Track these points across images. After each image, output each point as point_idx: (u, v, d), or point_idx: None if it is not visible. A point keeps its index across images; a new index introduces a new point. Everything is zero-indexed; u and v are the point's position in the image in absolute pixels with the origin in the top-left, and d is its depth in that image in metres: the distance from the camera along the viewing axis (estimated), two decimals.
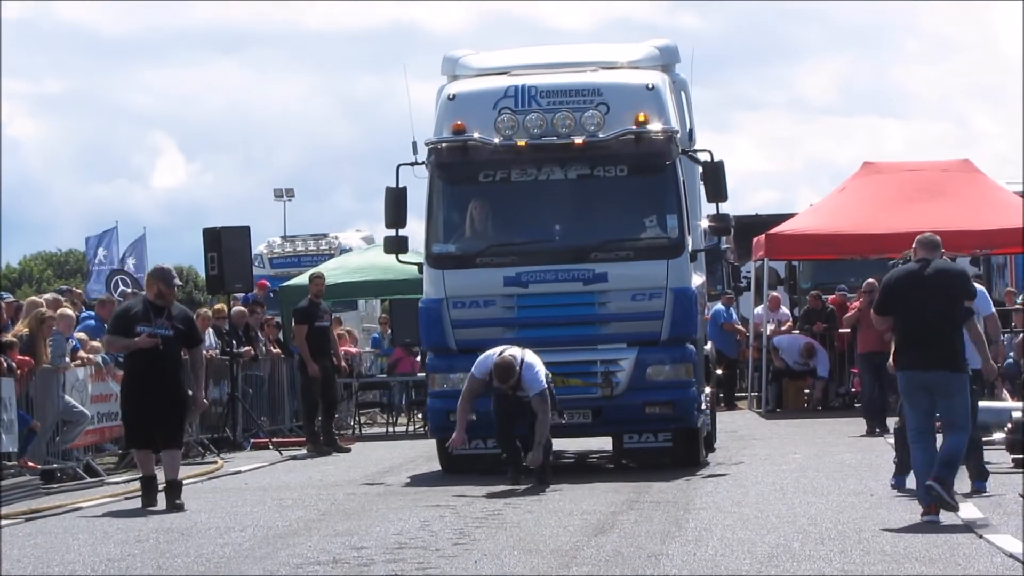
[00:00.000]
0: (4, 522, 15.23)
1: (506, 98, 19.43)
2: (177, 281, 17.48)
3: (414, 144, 19.69)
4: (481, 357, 18.02)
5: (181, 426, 17.34)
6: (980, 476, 15.68)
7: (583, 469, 20.77)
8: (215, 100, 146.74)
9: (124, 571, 12.22)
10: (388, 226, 19.92)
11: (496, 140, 19.26)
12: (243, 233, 25.88)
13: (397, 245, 19.86)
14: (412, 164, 19.67)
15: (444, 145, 19.46)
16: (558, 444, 20.50)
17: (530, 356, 17.91)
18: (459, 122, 19.37)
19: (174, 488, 16.58)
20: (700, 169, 19.84)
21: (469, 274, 19.34)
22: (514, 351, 17.89)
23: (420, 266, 19.85)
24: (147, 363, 16.75)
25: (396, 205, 19.68)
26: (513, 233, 19.77)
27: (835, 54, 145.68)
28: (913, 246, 14.50)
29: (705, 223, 20.22)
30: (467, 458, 19.14)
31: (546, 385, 17.76)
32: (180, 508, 16.33)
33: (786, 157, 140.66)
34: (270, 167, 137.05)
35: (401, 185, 19.64)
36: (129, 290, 29.16)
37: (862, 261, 30.76)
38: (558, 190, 19.62)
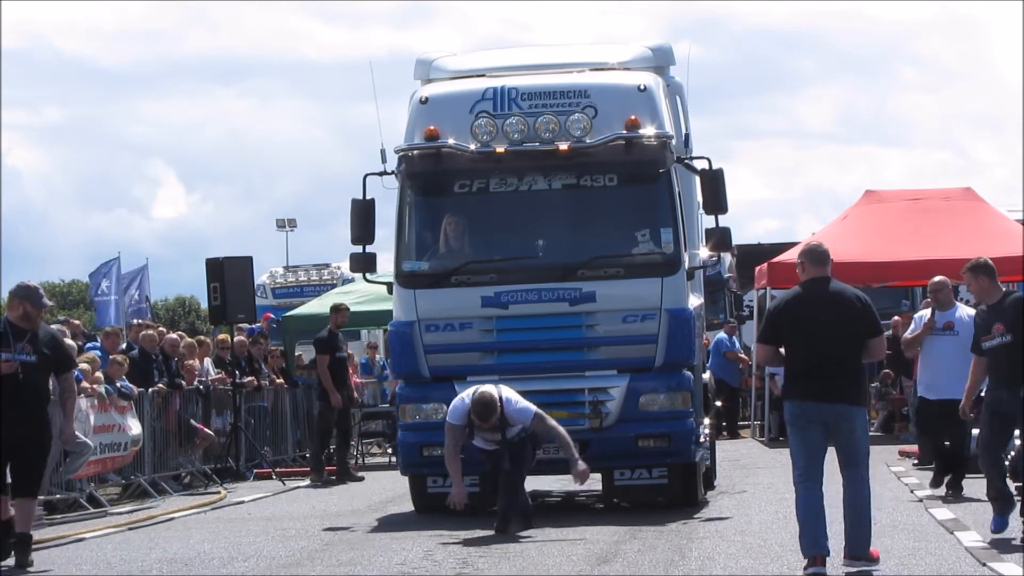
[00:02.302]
0: (32, 551, 14.94)
1: (484, 101, 17.29)
2: (46, 301, 15.07)
3: (383, 152, 17.53)
4: (453, 403, 15.89)
5: (40, 472, 14.97)
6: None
7: (570, 509, 18.77)
8: (215, 130, 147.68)
9: None
10: (354, 242, 17.60)
11: (473, 146, 17.09)
12: (246, 263, 25.77)
13: (364, 263, 17.66)
14: (381, 174, 17.55)
15: (415, 152, 17.28)
16: (541, 482, 19.03)
17: (506, 390, 15.87)
18: (432, 127, 17.17)
19: (23, 544, 14.24)
20: (697, 179, 17.71)
21: (443, 294, 17.16)
22: (487, 387, 15.86)
23: (390, 286, 17.64)
24: (6, 394, 14.26)
25: (363, 219, 17.53)
26: (492, 249, 17.63)
27: (834, 83, 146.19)
28: (799, 260, 12.68)
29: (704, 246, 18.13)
30: (444, 496, 16.73)
31: (535, 408, 15.86)
32: (28, 565, 14.11)
33: (787, 186, 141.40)
34: (271, 197, 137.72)
35: (369, 197, 17.54)
36: (135, 321, 29.17)
37: (865, 289, 30.69)
38: (541, 201, 17.48)
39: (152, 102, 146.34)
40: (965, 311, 18.21)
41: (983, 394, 14.53)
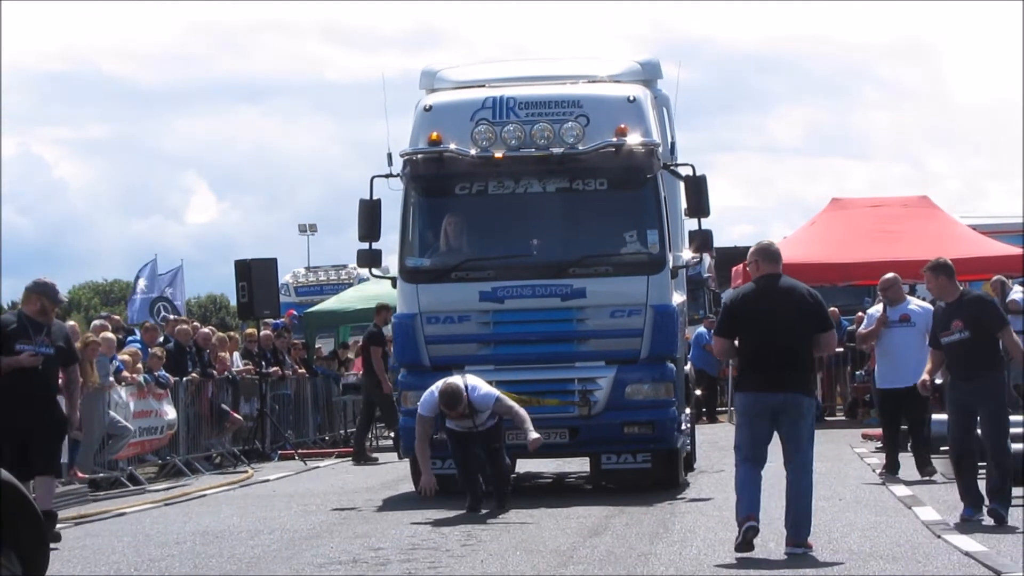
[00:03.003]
0: (56, 526, 15.13)
1: (484, 109, 17.13)
2: (62, 297, 14.84)
3: (389, 156, 17.40)
4: (424, 395, 15.65)
5: (58, 452, 14.87)
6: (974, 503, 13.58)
7: (561, 490, 18.51)
8: (242, 144, 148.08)
9: (164, 571, 12.16)
10: (361, 239, 17.44)
11: (473, 151, 16.92)
12: (271, 264, 25.91)
13: (370, 259, 17.51)
14: (387, 176, 17.36)
15: (419, 156, 17.09)
16: (535, 464, 19.01)
17: (471, 379, 15.65)
18: (435, 133, 17.01)
19: (48, 519, 13.53)
20: (682, 184, 17.61)
21: (444, 289, 16.97)
22: (454, 378, 15.60)
23: (394, 280, 17.59)
24: (24, 383, 14.09)
25: (370, 218, 17.32)
26: (489, 247, 17.32)
27: (803, 102, 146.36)
28: (752, 258, 12.28)
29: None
30: (443, 478, 16.39)
31: (496, 392, 15.59)
32: (55, 540, 13.62)
33: (760, 195, 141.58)
34: (293, 205, 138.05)
35: (375, 198, 17.34)
36: (171, 316, 29.20)
37: (831, 288, 30.79)
38: (536, 203, 17.28)
39: (186, 119, 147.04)
40: (917, 303, 18.21)
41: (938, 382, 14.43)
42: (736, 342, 12.11)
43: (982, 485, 13.48)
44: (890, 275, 18.58)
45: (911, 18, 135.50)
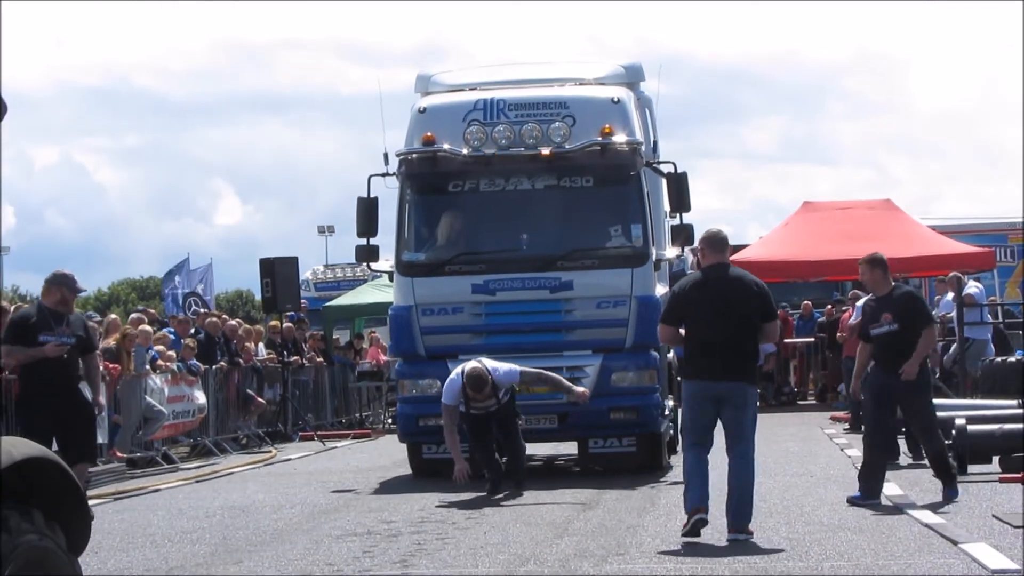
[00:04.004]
0: (96, 501, 15.18)
1: (475, 111, 16.70)
2: (80, 286, 14.25)
3: (385, 155, 16.94)
4: (446, 384, 15.03)
5: (92, 438, 14.42)
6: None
7: (552, 472, 18.07)
8: (265, 152, 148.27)
9: (195, 541, 12.23)
10: (360, 235, 16.97)
11: (465, 151, 16.51)
12: (292, 262, 26.00)
13: (368, 254, 16.99)
14: (383, 175, 16.89)
15: (414, 156, 16.69)
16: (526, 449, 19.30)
17: (487, 361, 15.06)
18: (429, 133, 16.60)
19: None
20: (664, 182, 17.10)
21: (438, 282, 16.53)
22: (472, 363, 14.99)
23: (391, 274, 17.13)
24: (51, 373, 13.59)
25: (367, 215, 16.87)
26: (481, 242, 16.93)
27: (776, 113, 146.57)
28: (699, 246, 11.71)
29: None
30: (437, 461, 16.31)
31: (518, 367, 15.04)
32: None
33: (737, 198, 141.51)
34: (313, 207, 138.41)
35: (373, 195, 16.87)
36: (202, 310, 29.18)
37: (803, 283, 30.94)
38: (525, 200, 16.82)
39: (213, 129, 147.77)
40: None
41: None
42: (682, 330, 11.46)
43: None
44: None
45: (873, 36, 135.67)
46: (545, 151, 16.48)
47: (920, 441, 13.20)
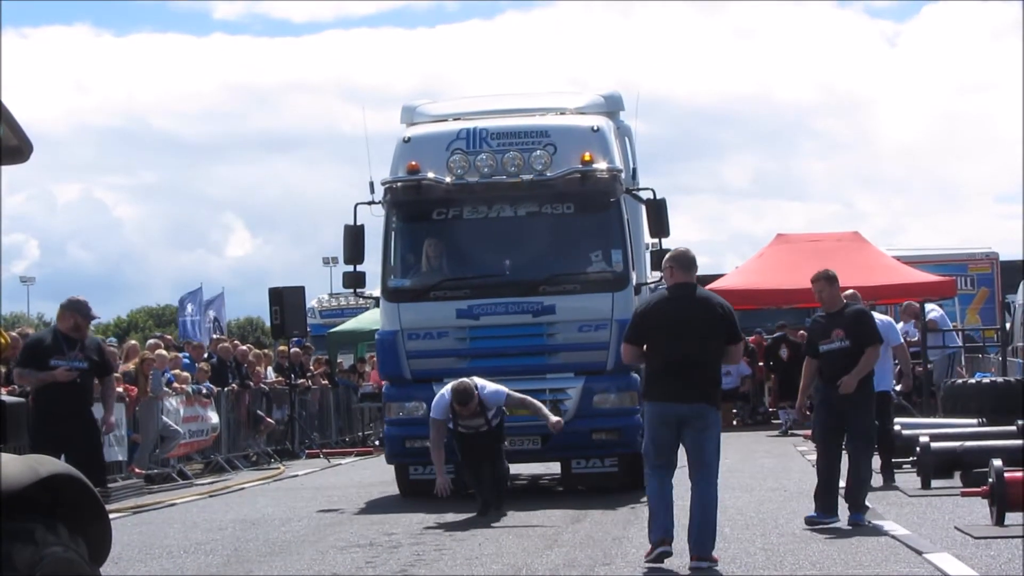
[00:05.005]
0: (115, 515, 15.15)
1: (458, 140, 16.22)
2: (94, 313, 14.04)
3: (371, 184, 16.52)
4: (435, 399, 14.62)
5: (103, 465, 14.12)
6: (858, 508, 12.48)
7: (537, 491, 17.48)
8: (273, 188, 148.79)
9: (209, 552, 12.25)
10: (347, 262, 16.61)
11: (449, 179, 16.07)
12: (299, 291, 26.04)
13: (355, 280, 16.60)
14: (369, 203, 16.46)
15: (399, 184, 16.21)
16: (511, 468, 17.71)
17: (477, 379, 14.63)
18: (414, 162, 16.13)
19: None
20: (644, 208, 16.63)
21: (423, 307, 16.05)
22: (463, 380, 14.55)
23: (377, 300, 16.72)
24: (62, 397, 13.33)
25: (354, 242, 16.47)
26: (465, 268, 16.42)
27: (750, 151, 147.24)
28: (667, 264, 10.79)
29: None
30: (424, 482, 15.78)
31: (505, 389, 14.58)
32: None
33: (714, 230, 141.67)
34: (318, 240, 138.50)
35: (359, 223, 16.45)
36: (215, 335, 29.17)
37: (776, 310, 30.92)
38: (508, 226, 16.38)
39: (224, 167, 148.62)
40: (878, 317, 17.00)
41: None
42: (645, 348, 10.73)
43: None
44: (849, 291, 18.23)
45: (840, 79, 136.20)
46: (527, 179, 16.06)
47: (849, 459, 12.64)
